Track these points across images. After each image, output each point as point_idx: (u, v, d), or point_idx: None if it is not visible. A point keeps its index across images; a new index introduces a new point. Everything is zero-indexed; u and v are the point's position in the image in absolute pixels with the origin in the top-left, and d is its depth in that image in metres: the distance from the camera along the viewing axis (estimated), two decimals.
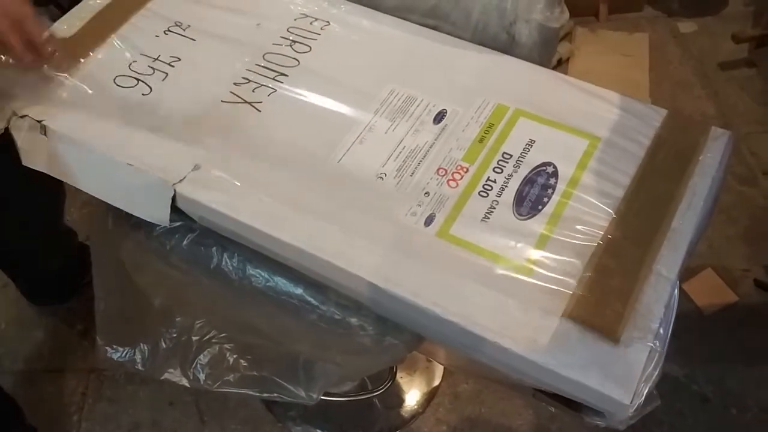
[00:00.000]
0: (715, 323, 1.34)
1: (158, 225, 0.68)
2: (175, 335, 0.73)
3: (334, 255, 0.61)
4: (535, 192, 0.64)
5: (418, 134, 0.69)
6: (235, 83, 0.74)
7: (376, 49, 0.77)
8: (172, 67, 0.75)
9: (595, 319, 0.56)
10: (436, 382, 1.27)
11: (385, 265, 0.60)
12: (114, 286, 0.76)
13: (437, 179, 0.66)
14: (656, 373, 0.54)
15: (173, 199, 0.65)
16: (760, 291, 1.37)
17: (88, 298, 0.79)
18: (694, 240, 0.62)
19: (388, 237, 0.62)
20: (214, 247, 0.68)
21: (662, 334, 0.56)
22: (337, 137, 0.69)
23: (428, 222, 0.63)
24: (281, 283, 0.67)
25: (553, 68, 1.07)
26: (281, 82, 0.74)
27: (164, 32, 0.78)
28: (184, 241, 0.68)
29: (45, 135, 0.69)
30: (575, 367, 0.54)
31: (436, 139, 0.69)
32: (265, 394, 0.71)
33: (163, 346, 0.74)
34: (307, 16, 0.80)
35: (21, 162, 0.70)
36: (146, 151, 0.68)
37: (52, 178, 0.70)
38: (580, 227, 0.62)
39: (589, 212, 0.63)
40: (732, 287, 1.37)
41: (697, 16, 1.87)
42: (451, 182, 0.65)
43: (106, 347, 0.76)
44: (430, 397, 1.26)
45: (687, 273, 1.35)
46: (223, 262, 0.68)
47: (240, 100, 0.72)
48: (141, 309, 0.75)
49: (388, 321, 0.64)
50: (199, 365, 0.73)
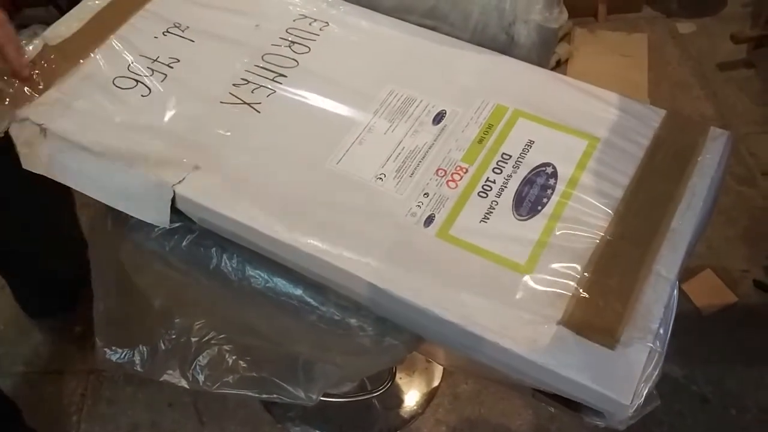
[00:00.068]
0: (715, 324, 1.34)
1: (157, 226, 0.68)
2: (174, 336, 0.73)
3: (334, 256, 0.61)
4: (534, 192, 0.64)
5: (418, 135, 0.69)
6: (234, 84, 0.74)
7: (375, 50, 0.77)
8: (171, 68, 0.75)
9: (595, 319, 0.56)
10: (436, 383, 1.27)
11: (384, 265, 0.60)
12: (113, 287, 0.76)
13: (437, 180, 0.66)
14: (656, 374, 0.54)
15: (173, 200, 0.65)
16: (760, 291, 1.37)
17: (87, 299, 0.79)
18: (694, 240, 0.62)
19: (388, 238, 0.62)
20: (214, 248, 0.68)
21: (662, 334, 0.56)
22: (337, 138, 0.69)
23: (428, 223, 0.63)
24: (281, 284, 0.67)
25: (552, 69, 1.07)
26: (280, 83, 0.74)
27: (163, 33, 0.78)
28: (184, 242, 0.68)
29: (45, 138, 0.69)
30: (575, 368, 0.54)
31: (435, 140, 0.69)
32: (264, 395, 0.71)
33: (162, 347, 0.74)
34: (306, 17, 0.80)
35: (20, 165, 0.70)
36: (145, 153, 0.67)
37: (55, 181, 0.69)
38: (580, 228, 0.62)
39: (588, 212, 0.63)
40: (731, 288, 1.37)
41: (696, 17, 1.88)
42: (451, 183, 0.65)
43: (105, 349, 0.76)
44: (430, 398, 1.26)
45: (686, 274, 1.35)
46: (223, 263, 0.68)
47: (239, 101, 0.72)
48: (140, 310, 0.75)
49: (388, 321, 0.64)
50: (198, 366, 0.73)
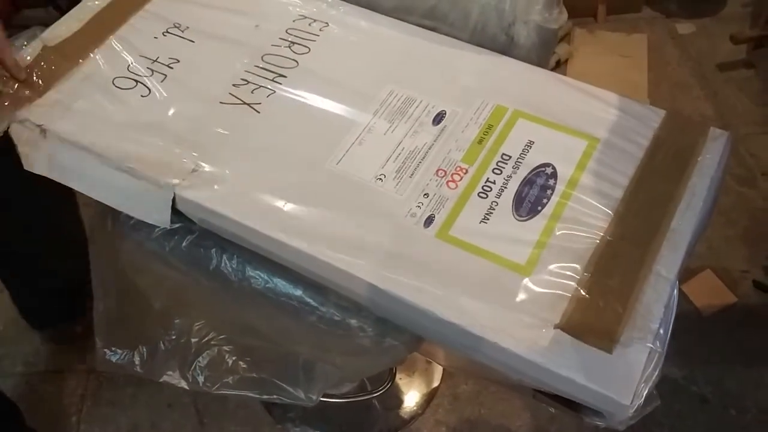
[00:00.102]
0: (714, 324, 1.34)
1: (157, 226, 0.68)
2: (174, 337, 0.73)
3: (334, 256, 0.61)
4: (534, 193, 0.64)
5: (417, 135, 0.69)
6: (234, 84, 0.74)
7: (375, 50, 0.77)
8: (171, 68, 0.75)
9: (595, 320, 0.56)
10: (436, 384, 1.27)
11: (384, 266, 0.60)
12: (113, 287, 0.76)
13: (436, 180, 0.66)
14: (656, 374, 0.54)
15: (173, 200, 0.65)
16: (759, 292, 1.37)
17: (88, 299, 0.79)
18: (694, 240, 0.62)
19: (388, 238, 0.62)
20: (214, 249, 0.68)
21: (662, 334, 0.56)
22: (336, 138, 0.69)
23: (428, 223, 0.63)
24: (281, 284, 0.67)
25: (552, 69, 1.07)
26: (280, 84, 0.74)
27: (163, 34, 0.78)
28: (184, 243, 0.68)
29: (45, 139, 0.69)
30: (575, 368, 0.54)
31: (435, 140, 0.69)
32: (264, 396, 0.71)
33: (162, 348, 0.74)
34: (306, 18, 0.80)
35: (21, 166, 0.70)
36: (145, 153, 0.67)
37: (56, 182, 0.69)
38: (580, 228, 0.62)
39: (588, 213, 0.63)
40: (731, 288, 1.37)
41: (696, 17, 1.88)
42: (451, 183, 0.65)
43: (105, 349, 0.76)
44: (430, 399, 1.26)
45: (686, 274, 1.36)
46: (223, 264, 0.68)
47: (239, 102, 0.72)
48: (140, 311, 0.75)
49: (388, 322, 0.64)
50: (198, 367, 0.73)
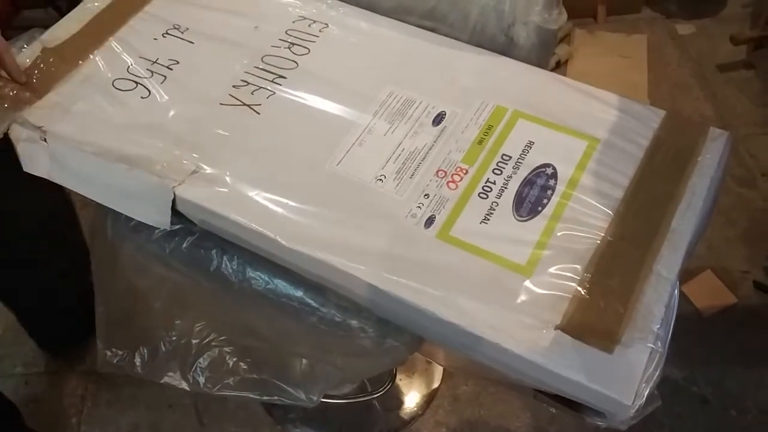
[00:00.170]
0: (715, 325, 1.34)
1: (158, 228, 0.68)
2: (174, 338, 0.73)
3: (334, 257, 0.61)
4: (534, 193, 0.64)
5: (417, 136, 0.69)
6: (233, 86, 0.74)
7: (375, 51, 0.77)
8: (171, 69, 0.75)
9: (596, 320, 0.56)
10: (436, 384, 1.27)
11: (385, 267, 0.60)
12: (113, 289, 0.76)
13: (437, 181, 0.66)
14: (657, 374, 0.54)
15: (173, 202, 0.65)
16: (760, 293, 1.37)
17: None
18: (694, 240, 0.62)
19: (388, 239, 0.62)
20: (214, 250, 0.68)
21: (663, 334, 0.56)
22: (336, 139, 0.69)
23: (428, 224, 0.63)
24: (281, 285, 0.67)
25: (552, 70, 1.07)
26: (280, 85, 0.74)
27: (162, 35, 0.78)
28: (184, 244, 0.68)
29: (45, 141, 0.69)
30: (576, 368, 0.54)
31: (435, 141, 0.69)
32: (265, 397, 0.71)
33: (163, 349, 0.74)
34: (305, 19, 0.80)
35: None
36: (146, 155, 0.67)
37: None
38: (580, 228, 0.62)
39: (588, 213, 0.63)
40: (731, 289, 1.37)
41: (695, 18, 1.88)
42: (451, 184, 0.65)
43: (106, 350, 0.76)
44: (430, 399, 1.26)
45: (686, 275, 1.36)
46: (223, 265, 0.68)
47: (239, 103, 0.72)
48: (140, 312, 0.75)
49: (389, 323, 0.64)
50: (198, 368, 0.72)
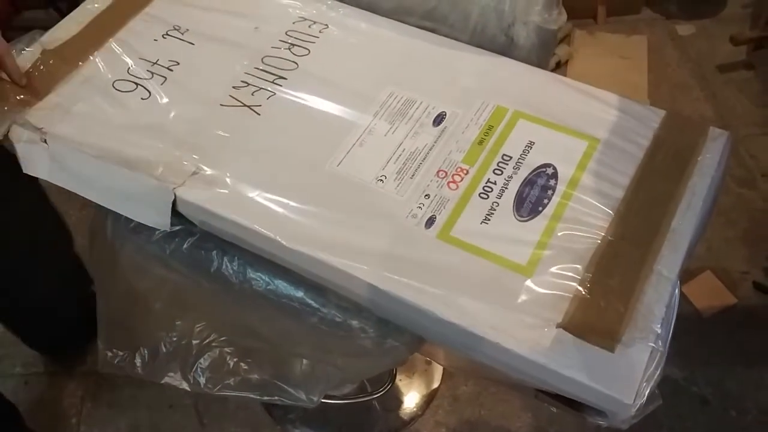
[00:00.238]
0: (715, 325, 1.34)
1: (158, 229, 0.68)
2: (175, 339, 0.73)
3: (335, 258, 0.61)
4: (535, 193, 0.64)
5: (418, 137, 0.69)
6: (234, 87, 0.74)
7: (375, 52, 0.77)
8: (171, 71, 0.75)
9: (597, 320, 0.56)
10: (436, 385, 1.27)
11: (385, 267, 0.60)
12: (114, 289, 0.76)
13: (437, 181, 0.66)
14: (658, 373, 0.54)
15: (173, 203, 0.65)
16: (759, 293, 1.37)
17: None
18: (694, 240, 0.62)
19: (389, 239, 0.62)
20: (215, 251, 0.68)
21: (663, 334, 0.56)
22: (337, 140, 0.69)
23: (429, 224, 0.63)
24: (282, 286, 0.67)
25: (552, 71, 1.07)
26: (280, 86, 0.74)
27: (163, 36, 0.78)
28: (184, 245, 0.68)
29: (45, 142, 0.69)
30: (577, 368, 0.54)
31: (435, 142, 0.69)
32: (265, 398, 0.71)
33: (163, 349, 0.74)
34: (306, 19, 0.80)
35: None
36: (146, 156, 0.67)
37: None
38: (581, 228, 0.62)
39: (589, 213, 0.63)
40: (731, 289, 1.37)
41: (695, 19, 1.88)
42: (452, 184, 0.65)
43: (107, 351, 0.76)
44: (430, 400, 1.26)
45: (686, 275, 1.36)
46: (224, 266, 0.68)
47: (239, 104, 0.72)
48: (141, 313, 0.75)
49: (390, 323, 0.64)
50: (199, 369, 0.72)
